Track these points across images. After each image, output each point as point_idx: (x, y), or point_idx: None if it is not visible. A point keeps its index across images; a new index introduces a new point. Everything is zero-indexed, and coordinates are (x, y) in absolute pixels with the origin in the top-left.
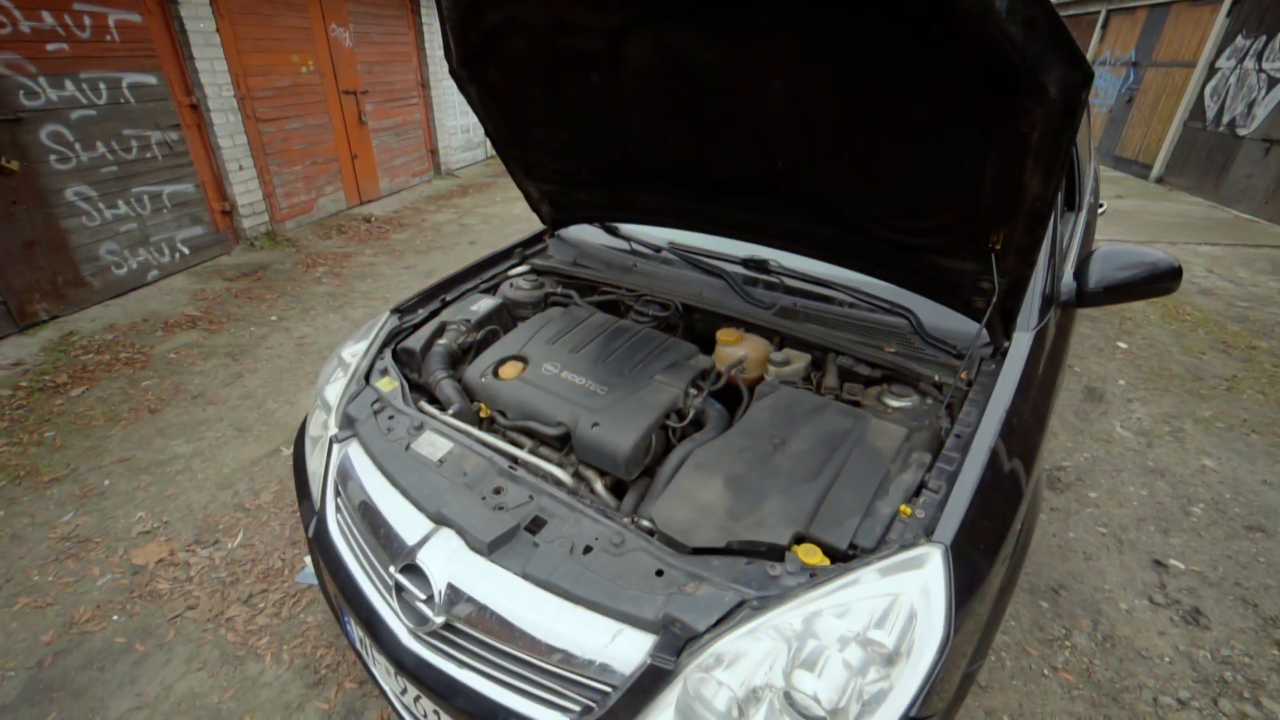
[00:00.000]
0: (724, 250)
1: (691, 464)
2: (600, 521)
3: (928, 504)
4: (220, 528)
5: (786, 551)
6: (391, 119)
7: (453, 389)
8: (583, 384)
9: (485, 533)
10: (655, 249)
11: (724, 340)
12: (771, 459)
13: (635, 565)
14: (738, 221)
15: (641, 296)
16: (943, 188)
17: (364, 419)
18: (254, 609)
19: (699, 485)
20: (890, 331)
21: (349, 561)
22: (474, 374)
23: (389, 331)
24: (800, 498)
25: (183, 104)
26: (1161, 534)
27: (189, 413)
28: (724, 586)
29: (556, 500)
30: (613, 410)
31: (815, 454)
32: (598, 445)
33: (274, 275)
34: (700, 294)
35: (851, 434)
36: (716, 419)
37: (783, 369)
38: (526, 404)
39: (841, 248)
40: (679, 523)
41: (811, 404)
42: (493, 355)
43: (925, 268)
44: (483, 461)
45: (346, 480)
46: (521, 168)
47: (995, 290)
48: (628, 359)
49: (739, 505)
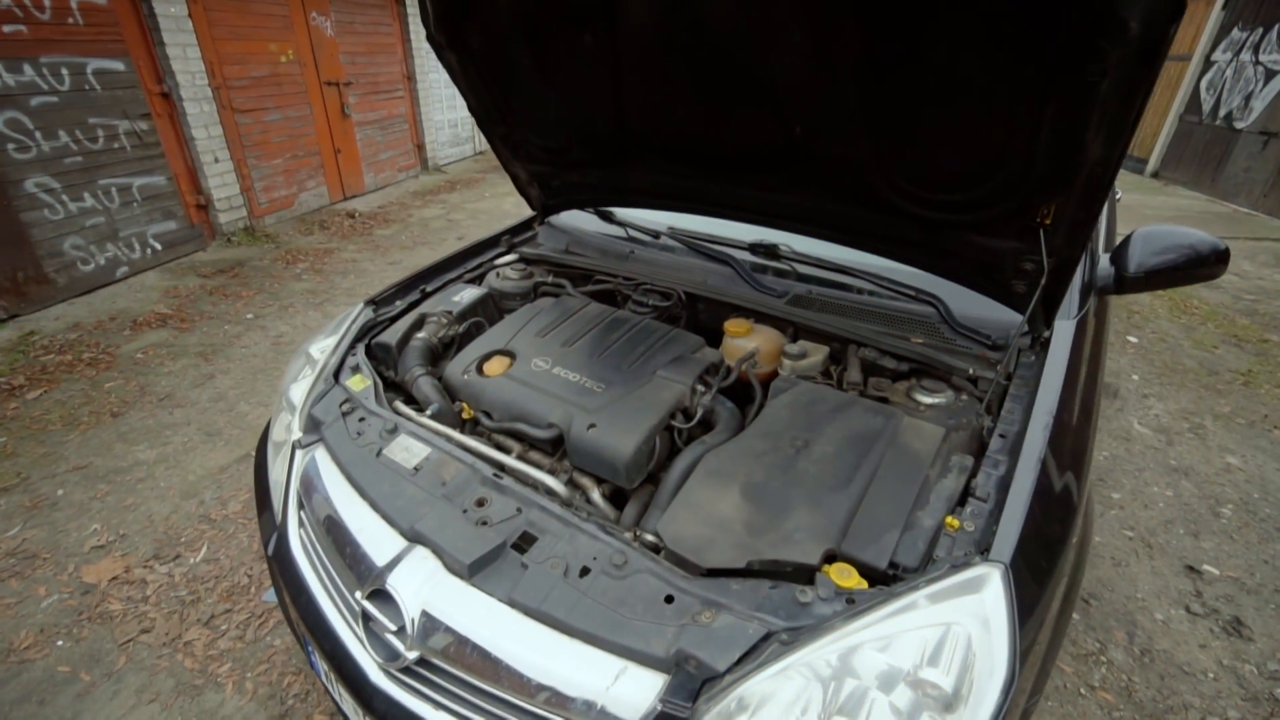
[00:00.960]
0: (729, 235)
1: (702, 470)
2: (599, 538)
3: (976, 515)
4: (182, 541)
5: (817, 573)
6: (376, 112)
7: (431, 387)
8: (577, 381)
9: (466, 552)
10: (654, 234)
11: (732, 331)
12: (794, 464)
13: (640, 590)
14: (746, 201)
15: (640, 285)
16: (987, 152)
17: (331, 421)
18: (215, 631)
19: (712, 495)
20: (916, 321)
21: (312, 584)
22: (455, 371)
23: (362, 325)
24: (829, 509)
25: (153, 92)
26: (1191, 537)
27: (154, 416)
28: (746, 616)
29: (548, 513)
30: (611, 410)
31: (843, 458)
32: (595, 449)
33: (251, 272)
34: (705, 282)
35: (883, 434)
36: (728, 419)
37: (799, 362)
38: (514, 403)
39: (863, 228)
40: (690, 539)
41: (835, 401)
42: (476, 350)
43: (959, 248)
44: (464, 469)
45: (311, 491)
46: (508, 147)
47: (1043, 272)
48: (627, 353)
49: (759, 518)
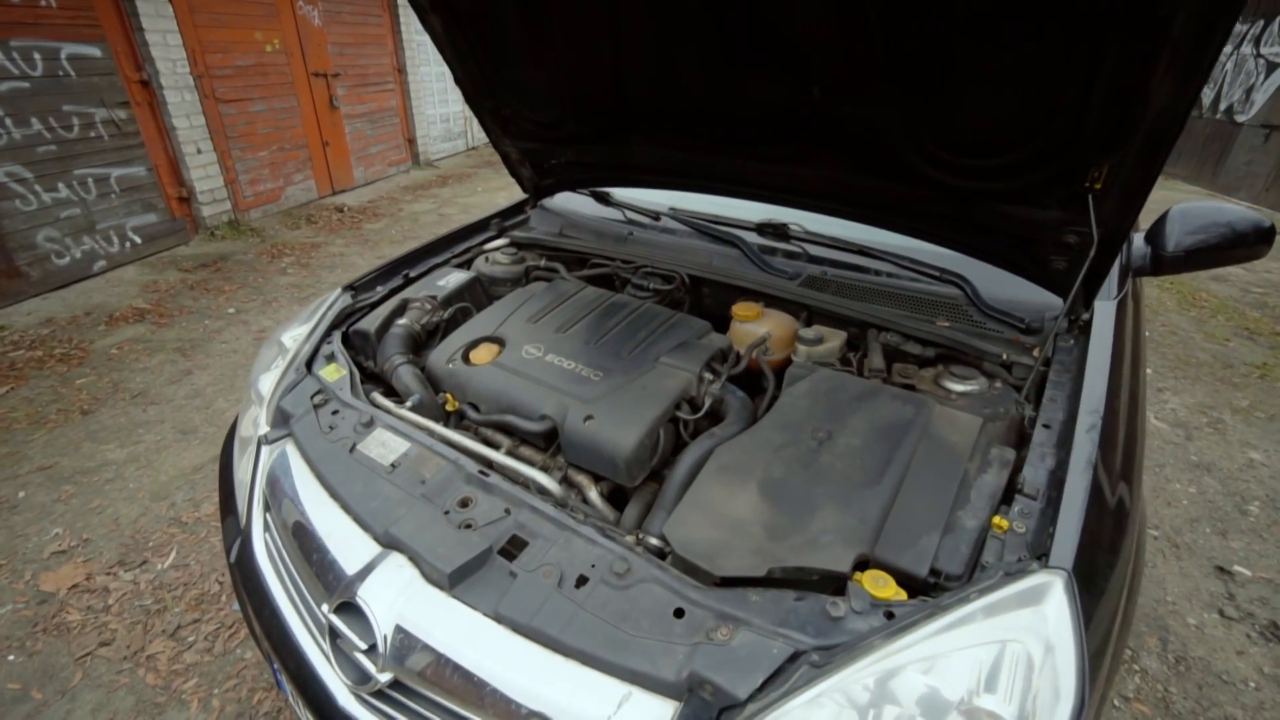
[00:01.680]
0: (734, 216)
1: (714, 466)
2: (597, 542)
3: (1026, 514)
4: (150, 546)
5: (849, 581)
6: (365, 105)
7: (412, 377)
8: (572, 368)
9: (446, 559)
10: (654, 216)
11: (741, 315)
12: (816, 458)
13: (646, 602)
14: (756, 176)
15: (640, 268)
16: (1034, 106)
17: (301, 414)
18: (181, 643)
19: (725, 493)
20: (940, 303)
21: (276, 595)
22: (439, 359)
23: (339, 311)
24: (860, 508)
25: (131, 80)
26: (1219, 536)
27: (126, 414)
28: (769, 632)
29: (540, 514)
30: (610, 400)
31: (872, 451)
32: (592, 443)
33: (235, 266)
34: (709, 264)
35: (914, 425)
36: (739, 409)
37: (815, 348)
38: (503, 394)
39: (885, 203)
40: (702, 543)
41: (858, 388)
42: (462, 337)
43: (994, 221)
44: (446, 466)
45: (277, 491)
46: (498, 122)
47: (1089, 244)
48: (626, 338)
49: (780, 519)
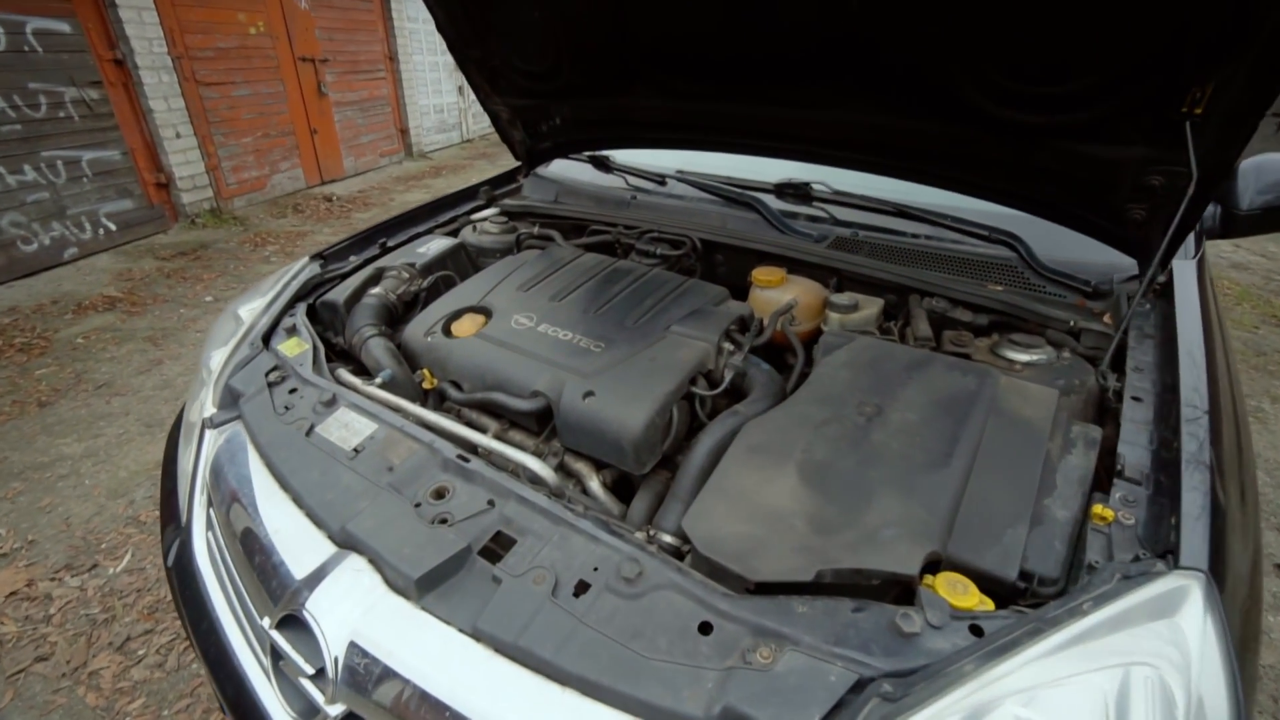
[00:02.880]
0: (748, 178)
1: (742, 447)
2: (601, 540)
3: (1132, 503)
4: (102, 548)
5: (919, 587)
6: (355, 93)
7: (384, 350)
8: (569, 339)
9: (414, 561)
10: (659, 180)
11: (763, 281)
12: (867, 436)
13: (663, 614)
14: (778, 125)
15: (645, 233)
16: (1123, 10)
17: (253, 394)
18: (130, 657)
19: (757, 478)
20: (989, 265)
21: (216, 606)
22: (416, 331)
23: (305, 282)
24: (926, 495)
25: (104, 58)
26: (1274, 531)
27: (88, 405)
28: (823, 653)
29: (530, 507)
30: (614, 374)
31: (933, 428)
32: (593, 423)
33: (215, 254)
34: (724, 227)
35: (979, 397)
36: (765, 384)
37: (849, 315)
38: (489, 368)
39: (930, 150)
40: (730, 540)
41: (907, 357)
42: (443, 307)
43: (1061, 165)
44: (420, 450)
45: (221, 482)
46: (485, 75)
47: (1189, 181)
48: (631, 306)
49: (827, 509)
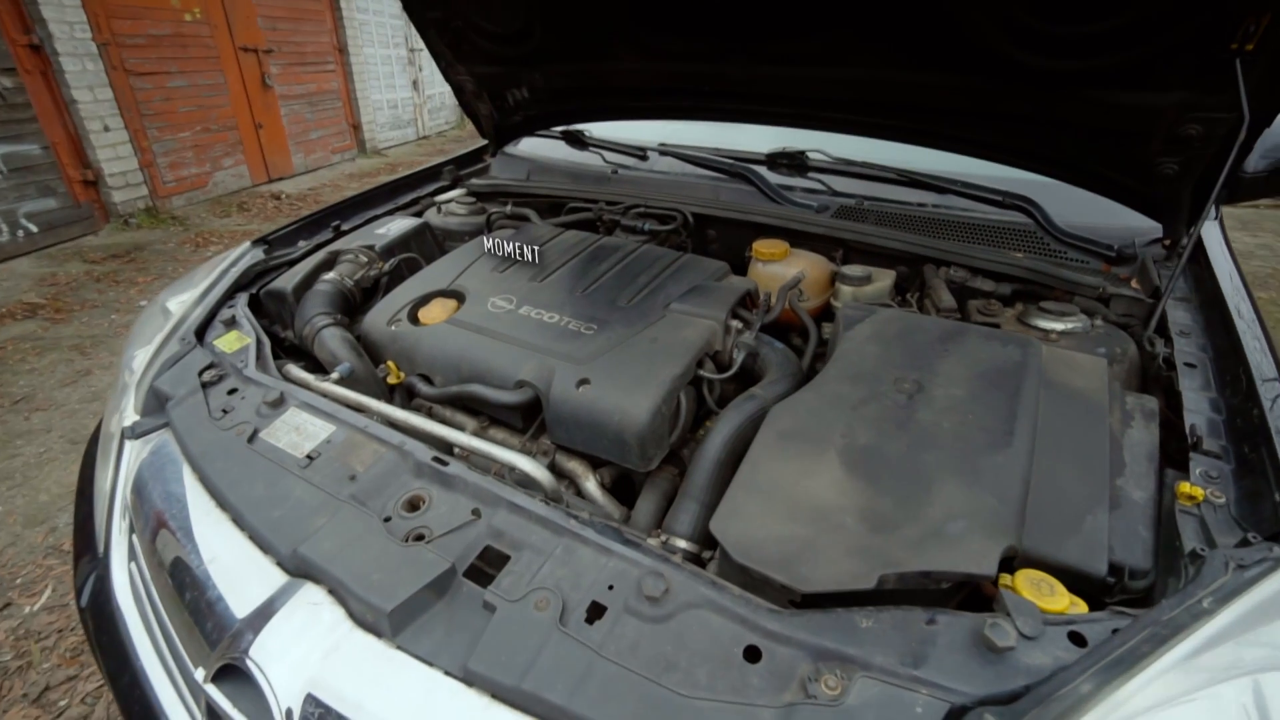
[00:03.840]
0: (737, 149)
1: (772, 434)
2: (613, 551)
3: (1215, 479)
4: (17, 584)
5: (999, 589)
6: (303, 85)
7: (341, 342)
8: (556, 322)
9: (386, 590)
10: (640, 154)
11: (765, 254)
12: (912, 415)
13: (698, 640)
14: (772, 86)
15: (630, 208)
16: None
17: (184, 397)
18: (49, 710)
19: (794, 469)
20: (1005, 231)
21: (141, 653)
22: (378, 320)
23: (247, 269)
24: (992, 480)
25: (18, 43)
26: None
27: (3, 423)
28: (902, 679)
29: (525, 515)
30: (610, 358)
31: (984, 403)
32: (589, 415)
33: (152, 256)
34: (716, 199)
35: (1026, 369)
36: (782, 364)
37: (863, 288)
38: (465, 358)
39: (943, 106)
40: (771, 544)
41: (938, 329)
42: (409, 291)
43: (1088, 116)
44: (388, 454)
45: (144, 503)
46: (447, 40)
47: (1243, 124)
48: (623, 283)
49: (881, 502)
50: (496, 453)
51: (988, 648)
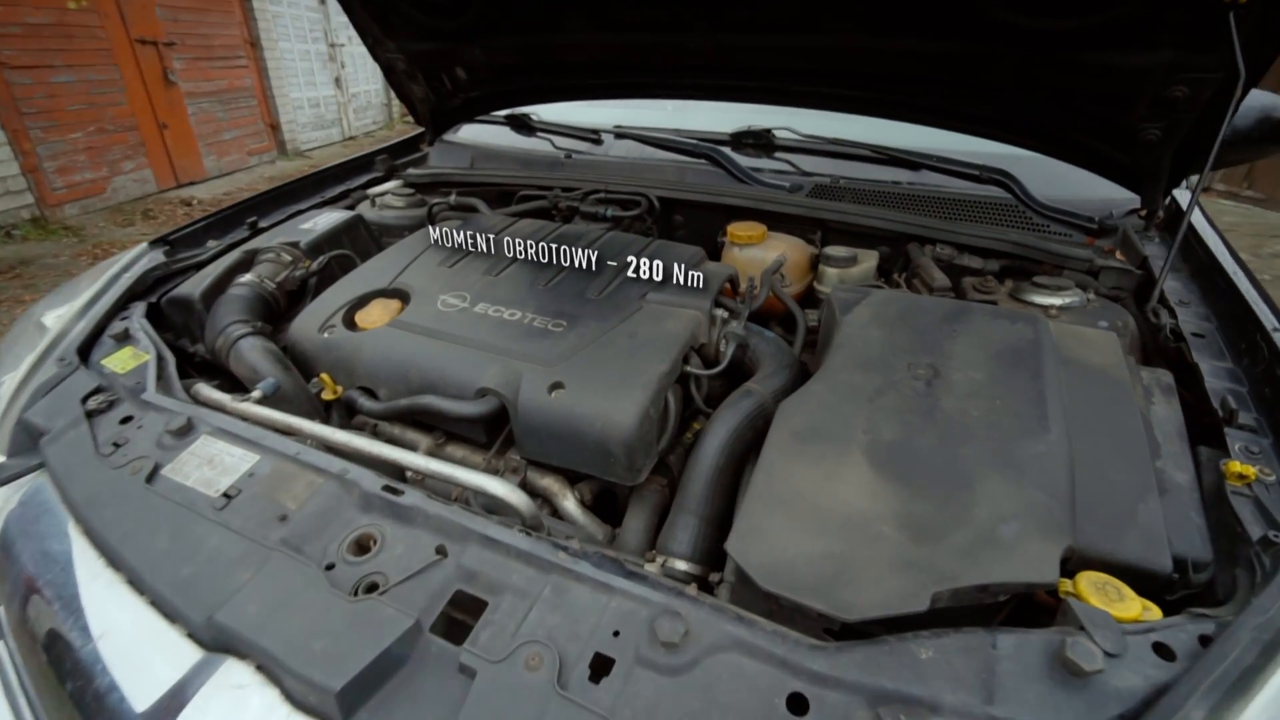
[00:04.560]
0: (698, 129)
1: (785, 434)
2: (614, 588)
3: (1256, 455)
4: None
5: (1067, 598)
6: (212, 82)
7: (262, 353)
8: (518, 319)
9: (332, 662)
10: (593, 137)
11: (741, 238)
12: (934, 403)
13: (731, 691)
14: (736, 58)
15: (590, 194)
16: None
17: (62, 430)
18: None
19: (816, 474)
20: (983, 205)
21: None
22: (308, 326)
23: (143, 274)
24: (1036, 471)
25: None
26: None
27: None
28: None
29: (502, 550)
30: (586, 357)
31: (1007, 386)
32: (567, 424)
33: (41, 271)
34: (682, 181)
35: (1041, 347)
36: (775, 355)
37: (849, 270)
38: (414, 365)
39: (920, 75)
40: (802, 565)
41: (940, 308)
42: (343, 293)
43: (1072, 79)
44: (327, 485)
45: (11, 566)
46: (373, 11)
47: (1240, 81)
48: (591, 275)
49: (920, 506)
50: (459, 475)
51: (1071, 672)
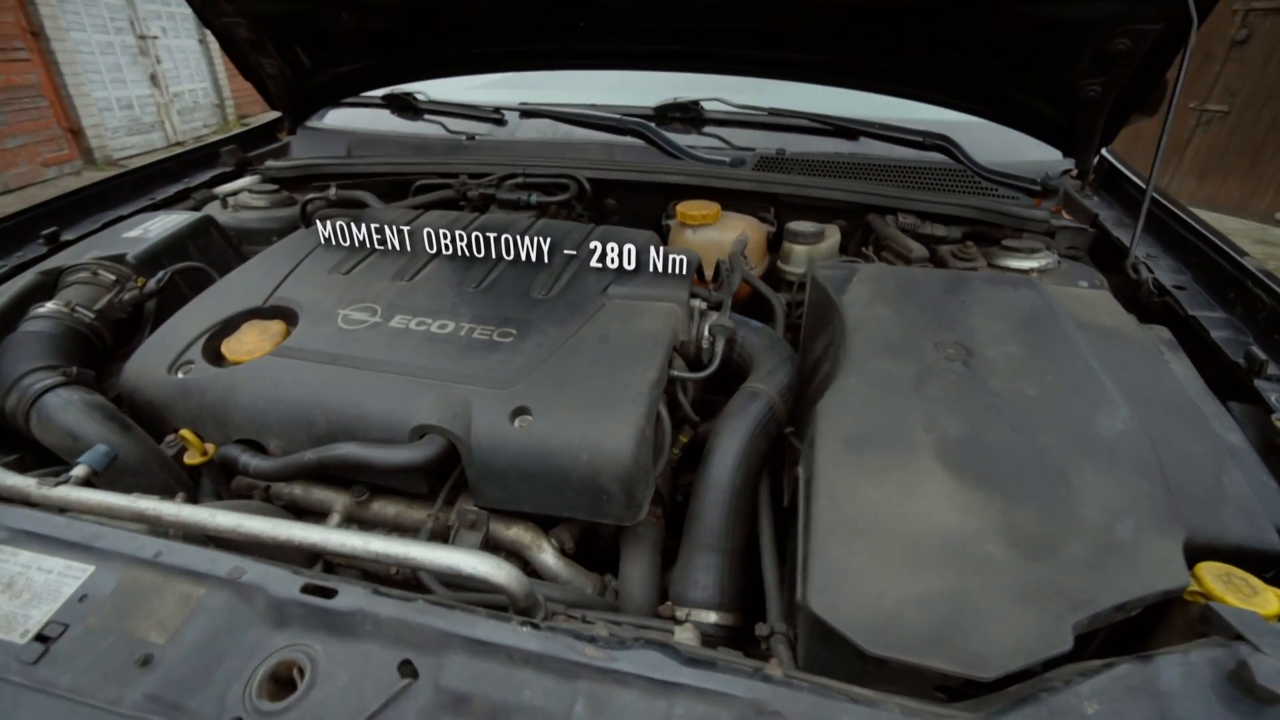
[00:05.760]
0: (616, 103)
1: (836, 444)
2: (673, 684)
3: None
4: None
5: (1194, 597)
6: None
7: (83, 410)
8: (451, 331)
9: None
10: (495, 117)
11: (694, 218)
12: (987, 388)
13: None
14: (657, 17)
15: (507, 179)
16: None
17: None
18: None
19: (889, 489)
20: (930, 171)
21: None
22: (151, 365)
23: None
24: (1125, 453)
25: None
26: None
27: None
28: None
29: (499, 656)
30: (549, 373)
31: (1048, 359)
32: (541, 460)
33: None
34: (613, 160)
35: (1056, 313)
36: (771, 347)
37: (817, 246)
38: (319, 403)
39: (859, 35)
40: (907, 610)
41: (939, 280)
42: (200, 316)
43: (1019, 34)
44: (213, 599)
45: None
46: None
47: (1193, 26)
48: (532, 270)
49: (1020, 513)
50: (421, 556)
51: (1250, 694)
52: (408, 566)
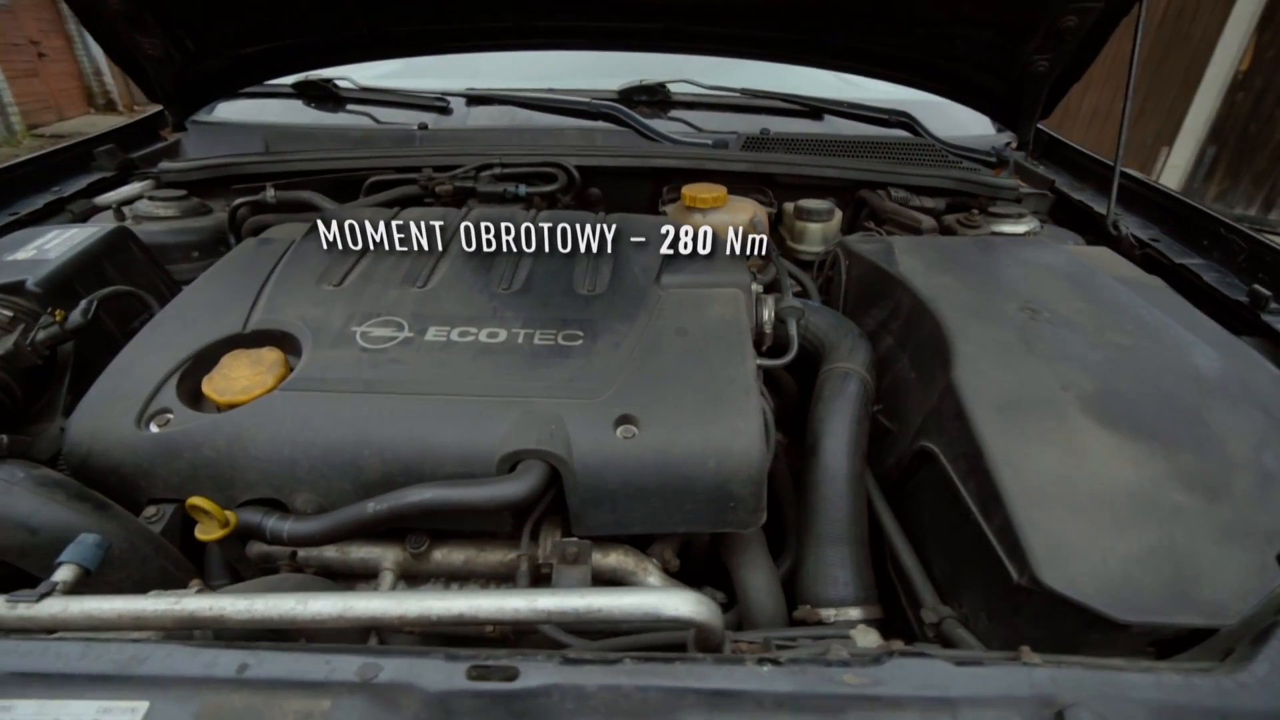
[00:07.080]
0: (573, 86)
1: (988, 411)
2: (949, 699)
3: None
4: None
5: None
6: None
7: (33, 489)
8: (503, 340)
9: None
10: (438, 105)
11: (702, 200)
12: (1091, 342)
13: None
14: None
15: (485, 168)
16: None
17: None
18: None
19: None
20: (898, 147)
21: None
22: (103, 420)
23: None
24: (1236, 389)
25: None
26: None
27: None
28: None
29: (744, 705)
30: (637, 376)
31: (1118, 310)
32: (661, 473)
33: None
34: (593, 145)
35: (1092, 271)
36: (840, 325)
37: (830, 223)
38: (365, 441)
39: (824, 9)
40: (1135, 571)
41: (974, 247)
42: (159, 353)
43: (981, 10)
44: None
45: None
46: None
47: (1138, 4)
48: (562, 265)
49: (1182, 457)
50: (605, 605)
51: None
52: (592, 622)
